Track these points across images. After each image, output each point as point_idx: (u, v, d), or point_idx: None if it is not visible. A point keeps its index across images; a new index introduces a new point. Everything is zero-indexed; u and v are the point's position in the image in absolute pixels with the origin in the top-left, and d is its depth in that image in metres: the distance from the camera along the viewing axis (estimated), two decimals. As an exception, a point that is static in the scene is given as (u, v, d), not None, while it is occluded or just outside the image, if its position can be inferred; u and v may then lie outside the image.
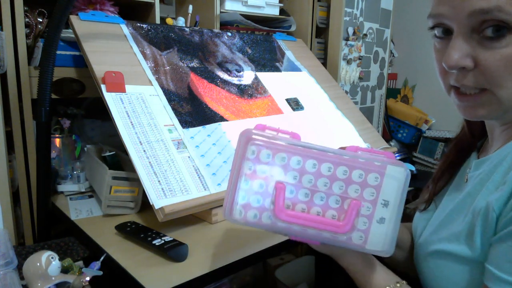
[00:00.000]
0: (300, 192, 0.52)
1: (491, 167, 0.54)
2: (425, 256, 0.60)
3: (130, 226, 0.79)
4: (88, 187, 1.04)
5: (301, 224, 0.51)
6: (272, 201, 0.52)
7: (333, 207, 0.52)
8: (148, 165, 0.79)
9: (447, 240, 0.55)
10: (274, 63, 1.32)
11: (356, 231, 0.52)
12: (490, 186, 0.52)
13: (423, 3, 2.10)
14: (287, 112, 1.15)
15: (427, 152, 2.00)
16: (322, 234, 0.52)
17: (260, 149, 0.52)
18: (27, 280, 0.64)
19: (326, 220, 0.52)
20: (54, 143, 1.09)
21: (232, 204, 0.52)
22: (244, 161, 0.52)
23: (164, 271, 0.65)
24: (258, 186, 0.52)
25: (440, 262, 0.56)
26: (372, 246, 0.52)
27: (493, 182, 0.52)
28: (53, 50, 0.85)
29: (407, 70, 2.23)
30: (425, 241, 0.61)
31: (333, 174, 0.52)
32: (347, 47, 1.58)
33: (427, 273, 0.59)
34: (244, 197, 0.52)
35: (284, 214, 0.51)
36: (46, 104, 0.87)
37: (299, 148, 0.52)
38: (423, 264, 0.60)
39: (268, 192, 0.52)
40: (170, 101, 0.95)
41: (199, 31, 1.20)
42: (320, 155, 0.52)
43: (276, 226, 0.52)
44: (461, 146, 0.67)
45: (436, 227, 0.60)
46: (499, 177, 0.51)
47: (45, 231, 0.96)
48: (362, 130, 1.26)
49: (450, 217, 0.58)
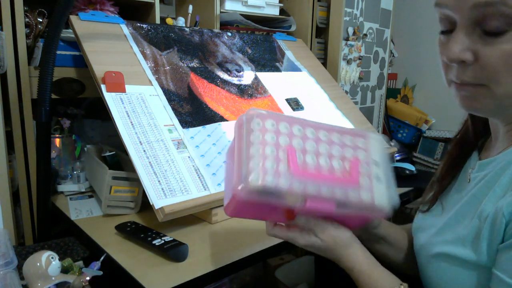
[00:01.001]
0: (307, 156, 0.55)
1: (497, 169, 0.53)
2: (428, 258, 0.59)
3: (130, 226, 0.79)
4: (88, 187, 1.04)
5: (316, 179, 0.54)
6: (285, 163, 0.53)
7: (337, 167, 0.56)
8: (148, 165, 0.79)
9: (452, 243, 0.55)
10: (274, 63, 1.32)
11: (362, 189, 0.55)
12: (498, 190, 0.51)
13: (423, 3, 2.10)
14: (287, 112, 1.15)
15: (427, 152, 2.00)
16: (335, 191, 0.54)
17: (264, 119, 0.55)
18: (27, 280, 0.64)
19: (336, 175, 0.56)
20: (54, 143, 1.09)
21: (248, 172, 0.52)
22: (251, 133, 0.54)
23: (164, 271, 0.65)
24: (270, 151, 0.54)
25: (444, 265, 0.55)
26: (379, 202, 0.55)
27: (501, 186, 0.51)
28: (53, 50, 0.85)
29: (407, 70, 2.23)
30: (429, 242, 0.60)
31: (330, 139, 0.58)
32: (347, 47, 1.58)
33: (430, 275, 0.59)
34: (257, 163, 0.52)
35: (300, 171, 0.53)
36: (46, 104, 0.87)
37: (296, 119, 0.58)
38: (426, 266, 0.60)
39: (279, 158, 0.54)
40: (170, 101, 0.95)
41: (199, 31, 1.20)
42: (314, 125, 0.59)
43: (293, 188, 0.52)
44: (463, 143, 0.66)
45: (440, 229, 0.59)
46: (506, 181, 0.51)
47: (45, 231, 0.96)
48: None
49: (455, 219, 0.57)
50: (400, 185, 1.13)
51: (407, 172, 1.20)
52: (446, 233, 0.57)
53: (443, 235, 0.58)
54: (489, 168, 0.56)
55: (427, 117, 2.03)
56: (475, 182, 0.57)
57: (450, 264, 0.54)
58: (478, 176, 0.58)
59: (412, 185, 1.13)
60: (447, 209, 0.61)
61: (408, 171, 1.21)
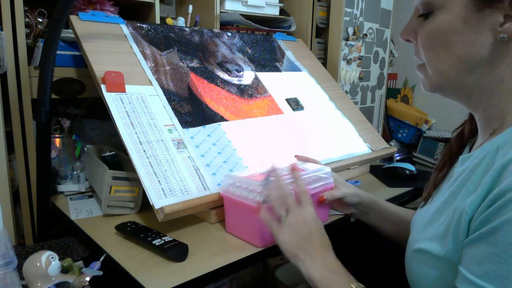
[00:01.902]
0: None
1: (472, 166, 0.54)
2: (411, 253, 0.60)
3: (130, 226, 0.79)
4: (88, 187, 1.04)
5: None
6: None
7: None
8: (148, 165, 0.79)
9: (429, 240, 0.55)
10: (274, 63, 1.32)
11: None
12: (470, 187, 0.52)
13: (423, 3, 2.10)
14: (287, 112, 1.15)
15: (427, 152, 2.00)
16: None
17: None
18: (27, 280, 0.64)
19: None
20: (54, 143, 1.09)
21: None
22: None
23: (164, 271, 0.65)
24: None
25: (421, 261, 0.56)
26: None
27: (473, 183, 0.51)
28: (53, 50, 0.85)
29: (407, 70, 2.23)
30: (414, 239, 0.61)
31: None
32: (347, 47, 1.58)
33: (410, 270, 0.60)
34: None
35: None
36: (46, 104, 0.87)
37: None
38: (408, 261, 0.61)
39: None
40: (170, 101, 0.95)
41: (199, 31, 1.20)
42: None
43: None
44: (460, 139, 0.67)
45: (424, 226, 0.60)
46: (477, 178, 0.51)
47: (45, 231, 0.96)
48: (362, 130, 1.26)
49: (436, 216, 0.58)
50: (400, 185, 1.13)
51: (407, 172, 1.20)
52: (427, 230, 0.58)
53: (424, 232, 0.58)
54: (466, 163, 0.57)
55: (427, 117, 2.03)
56: (454, 178, 0.58)
57: (425, 260, 0.55)
58: (458, 171, 0.58)
59: (412, 185, 1.13)
60: (433, 205, 0.62)
61: (408, 171, 1.21)
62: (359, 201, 0.83)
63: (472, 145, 0.64)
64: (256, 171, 0.82)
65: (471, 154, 0.57)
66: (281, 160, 0.96)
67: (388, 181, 1.16)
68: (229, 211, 0.79)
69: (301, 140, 1.09)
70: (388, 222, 0.82)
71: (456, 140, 0.67)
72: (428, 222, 0.59)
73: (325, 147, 1.11)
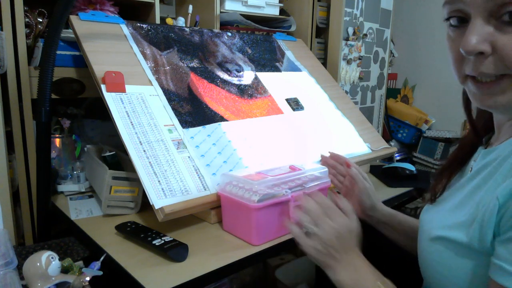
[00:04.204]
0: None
1: (500, 159, 0.54)
2: (427, 241, 0.60)
3: (130, 226, 0.79)
4: (88, 187, 1.04)
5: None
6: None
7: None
8: (148, 165, 0.79)
9: (450, 228, 0.55)
10: (274, 63, 1.32)
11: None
12: (498, 178, 0.51)
13: (423, 3, 2.10)
14: (287, 112, 1.15)
15: (427, 152, 2.00)
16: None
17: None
18: (27, 280, 0.64)
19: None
20: (54, 143, 1.09)
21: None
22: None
23: (164, 271, 0.65)
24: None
25: (440, 248, 0.56)
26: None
27: (501, 175, 0.51)
28: (53, 50, 0.85)
29: (407, 70, 2.23)
30: (430, 227, 0.61)
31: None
32: (347, 47, 1.58)
33: (426, 258, 0.60)
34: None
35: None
36: (46, 104, 0.87)
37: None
38: (424, 249, 0.61)
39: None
40: (170, 101, 0.95)
41: (199, 31, 1.20)
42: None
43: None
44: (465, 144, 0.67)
45: (442, 216, 0.60)
46: (507, 169, 0.51)
47: (45, 231, 0.96)
48: (362, 130, 1.26)
49: (457, 207, 0.58)
50: (400, 185, 1.13)
51: (407, 172, 1.20)
52: (446, 220, 0.58)
53: (443, 221, 0.58)
54: (490, 157, 0.57)
55: (427, 117, 2.04)
56: (476, 171, 0.58)
57: (445, 247, 0.55)
58: (480, 164, 0.58)
59: (412, 185, 1.13)
60: (451, 199, 0.62)
61: (408, 171, 1.21)
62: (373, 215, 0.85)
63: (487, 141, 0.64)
64: (254, 171, 0.82)
65: (496, 148, 0.57)
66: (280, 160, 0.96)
67: (388, 181, 1.16)
68: (226, 209, 0.79)
69: (301, 140, 1.09)
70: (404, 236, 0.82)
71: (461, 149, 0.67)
72: (446, 213, 0.59)
73: (325, 147, 1.11)
